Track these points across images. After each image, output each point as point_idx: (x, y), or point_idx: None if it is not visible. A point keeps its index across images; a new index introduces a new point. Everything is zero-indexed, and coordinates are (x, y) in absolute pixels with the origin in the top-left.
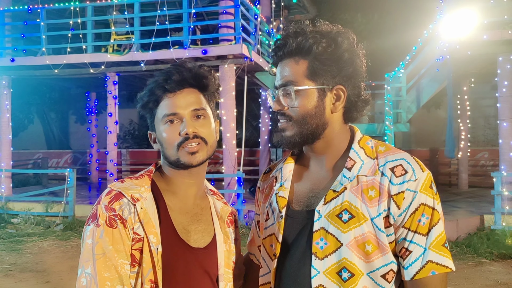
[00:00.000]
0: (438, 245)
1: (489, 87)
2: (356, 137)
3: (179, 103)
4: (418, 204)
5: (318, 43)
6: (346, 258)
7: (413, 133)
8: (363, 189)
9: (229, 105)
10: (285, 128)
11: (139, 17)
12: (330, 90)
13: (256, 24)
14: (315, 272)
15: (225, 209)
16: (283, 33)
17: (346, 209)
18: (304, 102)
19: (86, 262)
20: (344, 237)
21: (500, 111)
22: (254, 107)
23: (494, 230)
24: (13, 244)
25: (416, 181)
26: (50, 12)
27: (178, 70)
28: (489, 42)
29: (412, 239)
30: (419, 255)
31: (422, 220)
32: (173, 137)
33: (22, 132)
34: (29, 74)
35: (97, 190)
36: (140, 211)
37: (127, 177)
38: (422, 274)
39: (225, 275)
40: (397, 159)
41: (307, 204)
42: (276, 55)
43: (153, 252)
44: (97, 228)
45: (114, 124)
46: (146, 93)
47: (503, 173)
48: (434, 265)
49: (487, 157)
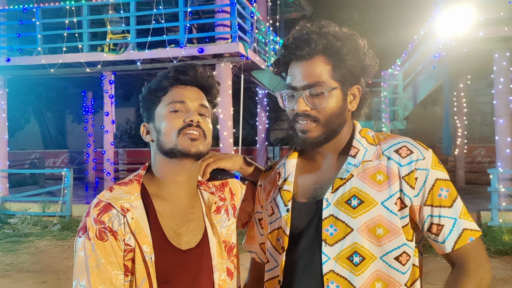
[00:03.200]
0: (466, 212)
1: (485, 84)
2: (357, 129)
3: (189, 95)
4: (434, 180)
5: (345, 45)
6: (357, 242)
7: (410, 131)
8: (371, 174)
9: (226, 104)
10: (309, 129)
11: (135, 16)
12: (349, 89)
13: (252, 22)
14: (326, 258)
15: (211, 200)
16: (301, 31)
17: (355, 195)
18: (332, 103)
19: (80, 274)
20: (354, 222)
21: (497, 108)
22: (251, 105)
23: (491, 227)
24: (10, 245)
25: (425, 159)
26: (45, 12)
27: (193, 68)
28: (485, 39)
29: (440, 213)
30: (452, 226)
31: (442, 194)
32: (176, 123)
33: (19, 132)
34: (25, 73)
35: (94, 189)
36: (131, 222)
37: (116, 183)
38: (461, 243)
39: (219, 265)
40: (400, 142)
41: (313, 195)
42: (295, 54)
43: (148, 262)
44: (88, 241)
45: (111, 123)
46: (156, 81)
47: (500, 170)
48: (470, 231)
49: (483, 154)
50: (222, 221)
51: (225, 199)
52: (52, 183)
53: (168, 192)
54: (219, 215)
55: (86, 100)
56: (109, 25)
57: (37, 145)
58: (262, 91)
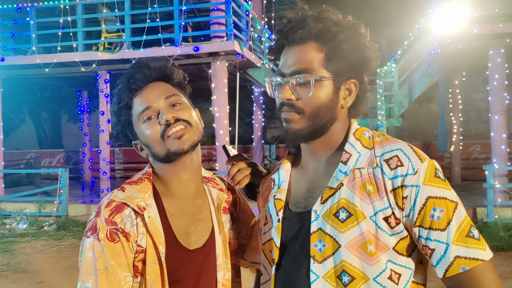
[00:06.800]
0: (461, 237)
1: (481, 81)
2: (351, 129)
3: (150, 97)
4: (425, 198)
5: (342, 31)
6: (345, 260)
7: (406, 128)
8: (361, 184)
9: (221, 102)
10: (292, 119)
11: (130, 14)
12: (343, 83)
13: (248, 20)
14: (315, 277)
15: (221, 197)
16: (296, 14)
17: (344, 207)
18: (320, 94)
19: (87, 276)
20: (342, 237)
21: (492, 104)
22: (247, 103)
23: (487, 223)
24: (6, 245)
25: (416, 174)
26: (39, 11)
27: (137, 67)
28: (479, 35)
29: (430, 236)
30: (443, 252)
31: (435, 215)
32: (155, 130)
33: (14, 132)
34: (19, 73)
35: (90, 189)
36: (148, 221)
37: (126, 182)
38: (452, 272)
39: (223, 264)
40: (394, 150)
41: (305, 205)
42: (287, 37)
43: (163, 262)
44: (98, 242)
45: (106, 122)
46: (115, 103)
47: (495, 166)
48: (463, 260)
49: (479, 150)
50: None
51: (230, 203)
52: (48, 183)
53: (175, 191)
54: (226, 215)
55: (81, 99)
56: (103, 24)
57: (33, 145)
58: (258, 89)
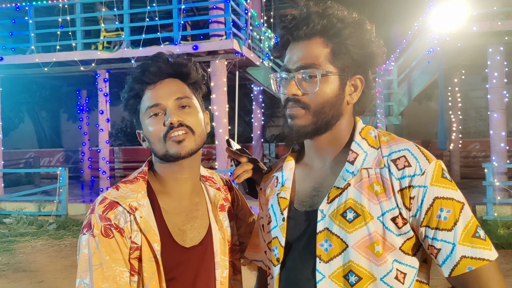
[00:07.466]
0: (468, 237)
1: (480, 79)
2: (357, 128)
3: (161, 94)
4: (432, 199)
5: (347, 27)
6: (352, 260)
7: (405, 126)
8: (368, 184)
9: (221, 101)
10: (297, 115)
11: (129, 13)
12: (349, 79)
13: (247, 19)
14: (320, 277)
15: (218, 196)
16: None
17: (351, 207)
18: (326, 89)
19: (84, 272)
20: (350, 237)
21: (491, 102)
22: (246, 102)
23: (486, 221)
24: (6, 244)
25: (424, 175)
26: (38, 10)
27: (154, 60)
28: (479, 33)
29: (436, 236)
30: (449, 252)
31: (442, 215)
32: (158, 129)
33: (13, 131)
34: (18, 72)
35: (90, 188)
36: (140, 221)
37: (121, 181)
38: (458, 271)
39: (221, 262)
40: (401, 150)
41: (310, 204)
42: (292, 34)
43: (159, 260)
44: (93, 238)
45: (106, 121)
46: (126, 90)
47: (494, 164)
48: (469, 260)
49: (478, 148)
50: (225, 219)
51: (228, 200)
52: (47, 182)
53: (172, 189)
54: (224, 212)
55: (80, 98)
56: (102, 23)
57: (32, 144)
58: (257, 87)
